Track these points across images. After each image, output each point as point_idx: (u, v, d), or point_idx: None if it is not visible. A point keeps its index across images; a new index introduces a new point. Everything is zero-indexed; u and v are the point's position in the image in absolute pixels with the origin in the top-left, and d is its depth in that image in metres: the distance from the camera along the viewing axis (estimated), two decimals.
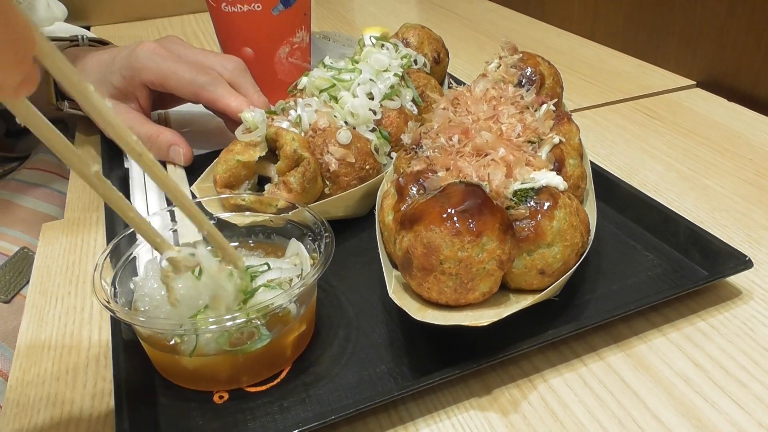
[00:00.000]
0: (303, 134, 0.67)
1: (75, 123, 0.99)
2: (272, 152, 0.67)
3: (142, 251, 0.56)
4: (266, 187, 0.66)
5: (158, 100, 0.87)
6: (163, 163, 0.79)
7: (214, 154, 0.73)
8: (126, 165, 0.82)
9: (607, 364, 0.52)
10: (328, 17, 1.52)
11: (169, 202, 0.72)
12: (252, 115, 0.66)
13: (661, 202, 0.65)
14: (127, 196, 0.75)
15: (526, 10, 1.47)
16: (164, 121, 0.92)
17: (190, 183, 0.72)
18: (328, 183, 0.66)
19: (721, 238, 0.59)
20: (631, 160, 0.82)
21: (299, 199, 0.62)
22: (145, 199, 0.72)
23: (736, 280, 0.59)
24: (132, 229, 0.56)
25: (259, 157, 0.66)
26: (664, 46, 1.12)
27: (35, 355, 0.56)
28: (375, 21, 1.47)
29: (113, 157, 0.84)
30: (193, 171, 0.76)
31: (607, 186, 0.69)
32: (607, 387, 0.50)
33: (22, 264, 0.80)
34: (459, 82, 0.95)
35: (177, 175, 0.77)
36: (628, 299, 0.56)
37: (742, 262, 0.56)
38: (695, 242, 0.60)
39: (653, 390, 0.49)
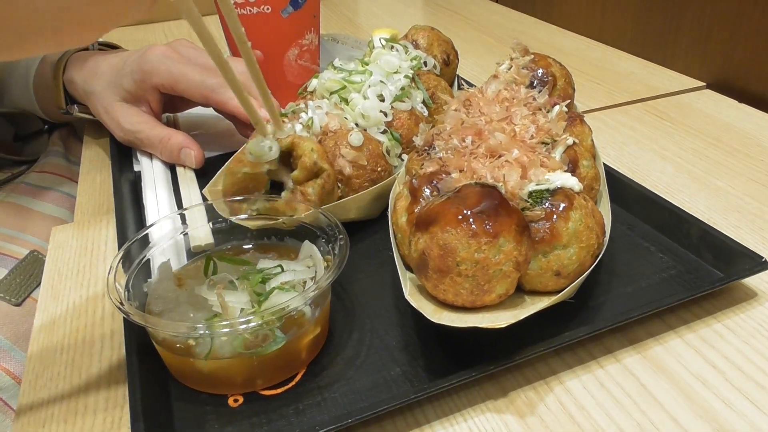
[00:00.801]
0: (315, 137, 0.66)
1: (83, 126, 0.99)
2: (283, 157, 0.66)
3: (156, 253, 0.56)
4: (282, 194, 0.65)
5: (169, 104, 0.87)
6: (174, 167, 0.79)
7: (225, 157, 0.73)
8: (137, 168, 0.81)
9: (623, 366, 0.51)
10: (334, 20, 1.52)
11: (179, 205, 0.72)
12: (262, 145, 0.62)
13: (674, 204, 0.65)
14: (139, 197, 0.75)
15: (533, 11, 1.47)
16: (173, 124, 0.92)
17: (201, 186, 0.71)
18: (340, 185, 0.66)
19: (735, 239, 0.59)
20: (641, 161, 0.81)
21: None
22: (156, 200, 0.72)
23: (752, 281, 0.59)
24: (145, 232, 0.56)
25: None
26: (673, 48, 1.12)
27: (48, 359, 0.56)
28: (381, 23, 1.47)
29: (123, 159, 0.84)
30: (204, 174, 0.76)
31: (619, 187, 0.68)
32: (624, 389, 0.49)
33: (32, 267, 0.79)
34: (468, 84, 0.95)
35: (187, 177, 0.77)
36: (643, 301, 0.56)
37: (758, 264, 0.56)
38: (709, 244, 0.60)
39: (670, 392, 0.49)
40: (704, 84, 1.03)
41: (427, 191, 0.55)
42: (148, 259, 0.56)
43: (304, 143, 0.63)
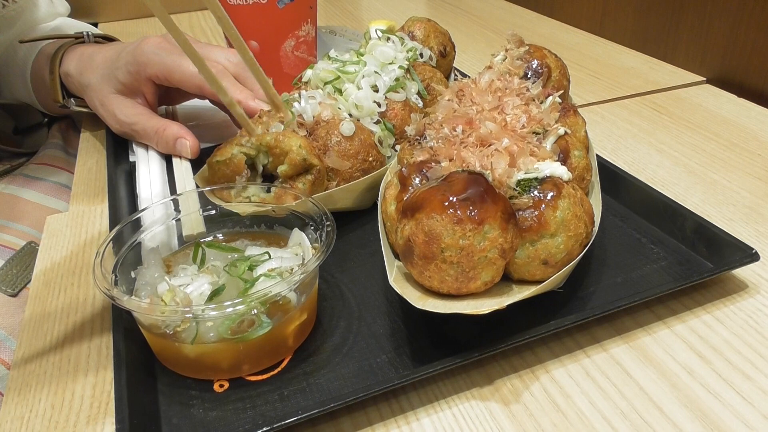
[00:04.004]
0: (306, 128, 0.66)
1: (81, 119, 1.00)
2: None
3: (146, 238, 0.56)
4: (272, 189, 0.65)
5: (165, 96, 0.87)
6: (169, 157, 0.80)
7: None
8: (132, 158, 0.82)
9: (610, 355, 0.51)
10: (335, 14, 1.52)
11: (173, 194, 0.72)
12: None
13: (666, 195, 0.64)
14: (133, 188, 0.75)
15: (535, 6, 1.47)
16: (171, 116, 0.92)
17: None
18: (330, 174, 0.65)
19: (727, 231, 0.58)
20: (638, 154, 0.81)
21: None
22: (150, 191, 0.72)
23: (743, 273, 0.59)
24: (136, 217, 0.56)
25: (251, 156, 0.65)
26: (673, 43, 1.11)
27: (37, 345, 0.56)
28: (382, 17, 1.47)
29: (119, 150, 0.84)
30: (200, 164, 0.75)
31: (613, 179, 0.68)
32: (610, 378, 0.49)
33: (29, 258, 0.80)
34: (464, 76, 0.95)
35: (183, 167, 0.77)
36: (632, 291, 0.55)
37: (749, 255, 0.55)
38: (701, 235, 0.59)
39: (657, 381, 0.49)
40: (704, 79, 1.03)
41: (417, 180, 0.54)
42: (138, 244, 0.56)
43: (289, 140, 0.63)
